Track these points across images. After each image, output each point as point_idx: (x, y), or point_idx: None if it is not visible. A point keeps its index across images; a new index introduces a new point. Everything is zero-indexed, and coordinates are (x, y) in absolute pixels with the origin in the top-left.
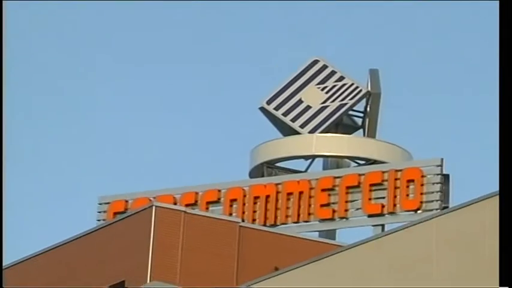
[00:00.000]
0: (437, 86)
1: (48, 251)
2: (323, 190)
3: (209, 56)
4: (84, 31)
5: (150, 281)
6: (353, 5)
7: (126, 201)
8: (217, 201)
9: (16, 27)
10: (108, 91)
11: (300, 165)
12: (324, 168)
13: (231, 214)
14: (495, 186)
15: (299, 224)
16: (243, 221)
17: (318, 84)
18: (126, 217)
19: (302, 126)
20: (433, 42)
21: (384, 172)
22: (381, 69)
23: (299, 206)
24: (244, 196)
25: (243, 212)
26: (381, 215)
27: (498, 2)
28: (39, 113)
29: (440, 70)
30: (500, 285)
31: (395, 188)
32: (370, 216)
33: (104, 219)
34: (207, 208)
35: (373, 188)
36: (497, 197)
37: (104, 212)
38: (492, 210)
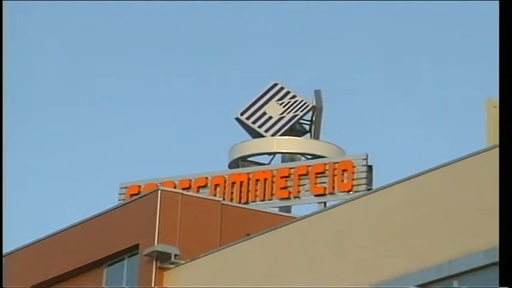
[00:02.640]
0: (364, 99)
1: (81, 223)
2: (282, 177)
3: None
4: (91, 26)
5: (157, 244)
6: (293, 38)
7: (139, 186)
8: (205, 186)
9: (16, 27)
10: (116, 89)
11: (265, 159)
12: (282, 161)
13: (215, 195)
14: (407, 174)
15: (264, 201)
16: (224, 200)
17: (277, 100)
18: (140, 198)
19: (266, 131)
20: (363, 64)
21: (325, 164)
22: (322, 90)
23: (264, 189)
24: (225, 182)
25: (224, 193)
26: (324, 194)
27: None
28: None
29: (367, 87)
30: (500, 285)
31: (334, 175)
32: (316, 195)
33: (123, 200)
34: (198, 191)
35: (318, 175)
36: (409, 180)
37: (124, 194)
38: (404, 191)
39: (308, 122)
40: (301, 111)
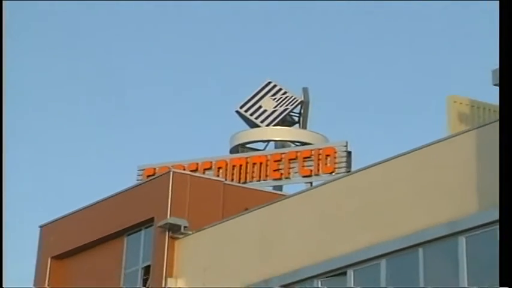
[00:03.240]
0: (344, 94)
1: (106, 199)
2: (274, 161)
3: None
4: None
5: (169, 217)
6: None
7: (154, 168)
8: (210, 168)
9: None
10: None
11: (260, 146)
12: (275, 147)
13: (218, 176)
14: (380, 158)
15: (260, 181)
16: (225, 180)
17: (271, 96)
18: (154, 178)
19: (262, 122)
20: (344, 64)
21: (311, 150)
22: (309, 87)
23: (260, 171)
24: (227, 165)
25: (226, 175)
26: (310, 176)
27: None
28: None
29: (348, 84)
30: (500, 285)
31: (319, 159)
32: (303, 176)
33: (141, 180)
34: (204, 172)
35: (305, 159)
36: (382, 164)
37: (141, 175)
38: (378, 172)
39: (297, 115)
40: (291, 105)
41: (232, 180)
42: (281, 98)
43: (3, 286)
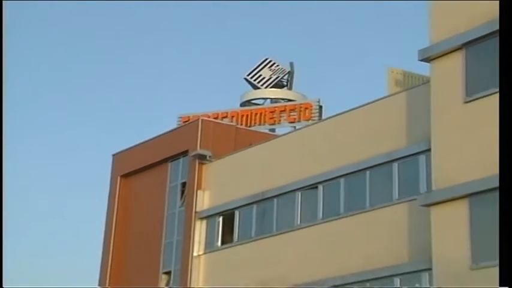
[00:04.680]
0: (318, 66)
1: (157, 137)
2: (270, 112)
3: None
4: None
5: (199, 149)
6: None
7: (189, 116)
8: (226, 117)
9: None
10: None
11: (261, 102)
12: (271, 103)
13: (232, 122)
14: (341, 110)
15: (260, 126)
16: (237, 124)
17: (268, 67)
18: (189, 123)
19: (262, 85)
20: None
21: (295, 105)
22: (294, 61)
23: (260, 119)
24: (238, 115)
25: (237, 121)
26: (294, 122)
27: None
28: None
29: (322, 58)
30: (500, 285)
31: (300, 111)
32: (290, 122)
33: (180, 124)
34: (222, 119)
35: (291, 111)
36: (342, 114)
37: (180, 121)
38: (340, 120)
39: (286, 80)
40: (282, 73)
41: (241, 125)
42: (275, 69)
43: (3, 286)
